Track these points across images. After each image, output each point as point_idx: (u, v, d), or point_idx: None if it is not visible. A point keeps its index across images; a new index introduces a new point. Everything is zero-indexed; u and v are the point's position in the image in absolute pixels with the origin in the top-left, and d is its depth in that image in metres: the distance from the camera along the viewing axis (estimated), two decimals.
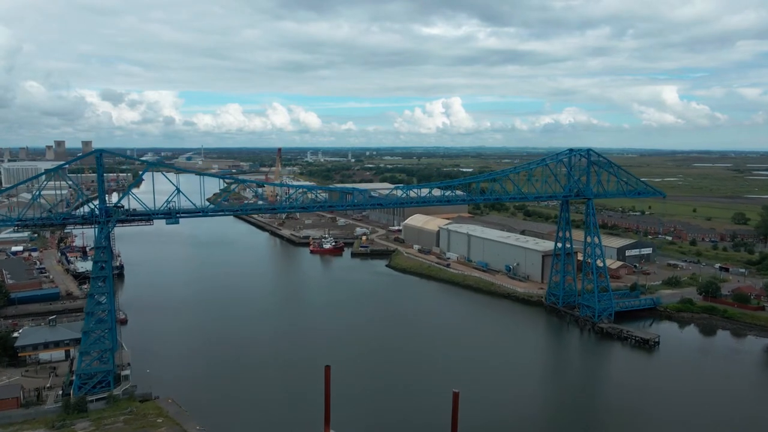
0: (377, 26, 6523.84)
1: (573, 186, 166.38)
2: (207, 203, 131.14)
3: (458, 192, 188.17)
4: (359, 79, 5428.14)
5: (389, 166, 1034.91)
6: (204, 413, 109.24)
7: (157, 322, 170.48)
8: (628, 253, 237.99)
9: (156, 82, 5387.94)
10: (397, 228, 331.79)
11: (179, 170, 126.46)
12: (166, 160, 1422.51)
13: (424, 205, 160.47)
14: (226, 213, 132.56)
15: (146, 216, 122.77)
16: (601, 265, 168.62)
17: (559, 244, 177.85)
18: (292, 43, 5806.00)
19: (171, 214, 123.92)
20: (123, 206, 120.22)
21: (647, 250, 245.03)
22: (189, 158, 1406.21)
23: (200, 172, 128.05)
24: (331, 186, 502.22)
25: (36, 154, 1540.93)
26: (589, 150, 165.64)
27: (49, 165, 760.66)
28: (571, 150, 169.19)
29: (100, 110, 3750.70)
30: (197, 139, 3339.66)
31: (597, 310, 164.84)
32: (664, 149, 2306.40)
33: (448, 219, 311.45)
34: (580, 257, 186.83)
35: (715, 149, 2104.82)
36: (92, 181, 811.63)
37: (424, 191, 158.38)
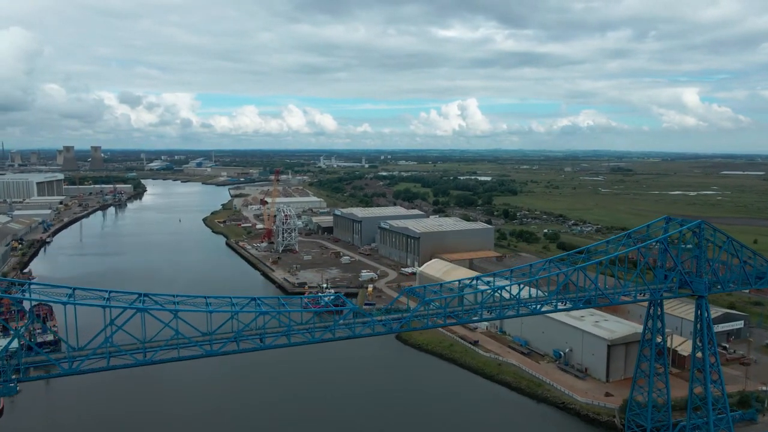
0: (393, 29, 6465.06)
1: (675, 275, 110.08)
2: (110, 331, 74.28)
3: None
4: (375, 82, 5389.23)
5: (404, 174, 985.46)
6: None
7: None
8: (715, 329, 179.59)
9: (173, 85, 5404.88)
10: (411, 271, 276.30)
11: (32, 297, 71.54)
12: (176, 165, 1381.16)
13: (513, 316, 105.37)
14: (117, 367, 76.94)
15: None
16: (720, 394, 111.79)
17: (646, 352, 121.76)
18: (308, 46, 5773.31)
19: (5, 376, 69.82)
20: None
21: (738, 324, 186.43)
22: (199, 164, 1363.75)
23: (74, 300, 73.88)
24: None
25: (48, 158, 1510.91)
26: (701, 222, 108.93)
27: (42, 178, 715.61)
28: (669, 219, 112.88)
29: (118, 112, 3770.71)
30: (214, 140, 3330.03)
31: None
32: (687, 152, 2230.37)
33: (473, 256, 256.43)
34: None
35: (740, 152, 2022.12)
36: (90, 194, 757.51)
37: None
